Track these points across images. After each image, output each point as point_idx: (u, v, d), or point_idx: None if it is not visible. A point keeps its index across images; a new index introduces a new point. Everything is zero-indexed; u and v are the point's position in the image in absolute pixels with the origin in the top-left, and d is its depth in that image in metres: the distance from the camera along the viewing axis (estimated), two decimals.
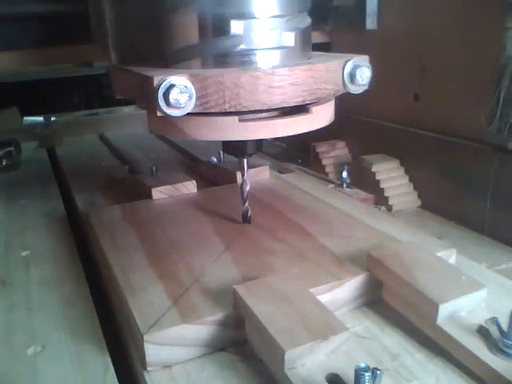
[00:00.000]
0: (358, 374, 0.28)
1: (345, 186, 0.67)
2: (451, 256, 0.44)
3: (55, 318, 0.41)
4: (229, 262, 0.43)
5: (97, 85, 1.40)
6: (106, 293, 0.45)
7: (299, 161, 0.82)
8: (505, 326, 0.32)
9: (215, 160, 0.70)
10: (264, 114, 0.40)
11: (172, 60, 0.41)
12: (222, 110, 0.37)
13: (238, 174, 0.61)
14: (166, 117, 0.37)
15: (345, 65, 0.41)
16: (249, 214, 0.50)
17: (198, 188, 0.62)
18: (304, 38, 0.42)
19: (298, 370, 0.30)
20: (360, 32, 0.69)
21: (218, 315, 0.35)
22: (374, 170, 0.66)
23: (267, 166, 0.66)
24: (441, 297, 0.34)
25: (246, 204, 0.50)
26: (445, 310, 0.34)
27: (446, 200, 0.62)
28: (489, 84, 0.52)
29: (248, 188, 0.49)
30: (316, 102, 0.41)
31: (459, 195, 0.59)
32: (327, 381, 0.30)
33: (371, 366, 0.28)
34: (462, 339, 0.33)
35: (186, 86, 0.36)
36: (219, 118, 0.38)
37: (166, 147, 0.93)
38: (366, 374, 0.28)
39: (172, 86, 0.35)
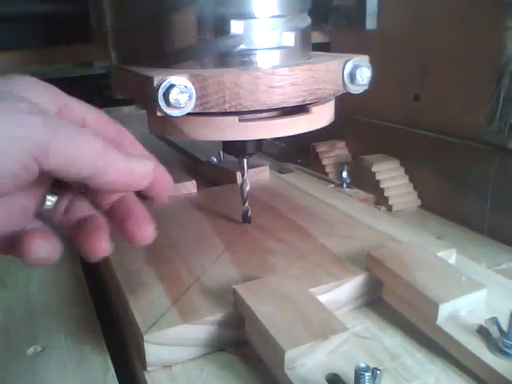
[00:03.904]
0: (358, 373, 0.28)
1: (345, 185, 0.67)
2: (451, 256, 0.44)
3: (55, 317, 0.41)
4: (229, 262, 0.43)
5: (97, 85, 1.40)
6: (106, 293, 0.45)
7: (299, 161, 0.82)
8: (505, 326, 0.32)
9: (215, 160, 0.70)
10: (264, 114, 0.40)
11: (172, 60, 0.41)
12: (222, 110, 0.37)
13: (238, 174, 0.61)
14: (166, 117, 0.37)
15: (345, 65, 0.41)
16: (249, 214, 0.50)
17: (198, 188, 0.62)
18: (304, 38, 0.42)
19: (297, 370, 0.30)
20: (360, 32, 0.69)
21: (218, 315, 0.35)
22: (374, 169, 0.66)
23: (267, 166, 0.66)
24: (441, 297, 0.34)
25: (246, 204, 0.50)
26: (445, 310, 0.34)
27: (446, 200, 0.62)
28: (489, 84, 0.52)
29: (248, 188, 0.49)
30: (316, 102, 0.41)
31: (459, 195, 0.59)
32: (327, 381, 0.30)
33: (371, 366, 0.28)
34: (462, 339, 0.33)
35: (186, 86, 0.36)
36: (219, 118, 0.38)
37: (165, 147, 0.93)
38: (366, 373, 0.28)
39: (172, 86, 0.35)
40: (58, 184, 0.28)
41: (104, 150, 0.26)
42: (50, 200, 0.29)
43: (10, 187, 0.24)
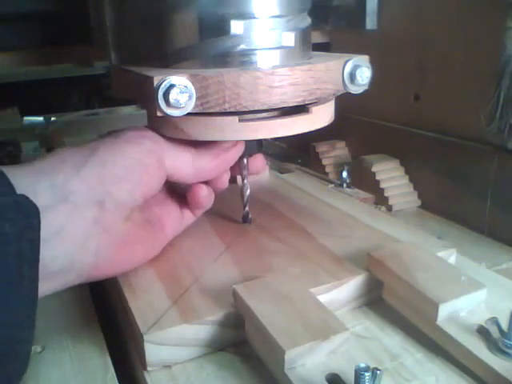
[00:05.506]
0: (358, 374, 0.28)
1: (345, 185, 0.67)
2: (451, 256, 0.44)
3: (55, 318, 0.41)
4: (229, 261, 0.43)
5: (97, 85, 1.40)
6: (106, 293, 0.45)
7: (299, 161, 0.82)
8: (505, 326, 0.32)
9: None
10: (264, 114, 0.40)
11: (172, 60, 0.41)
12: (222, 110, 0.37)
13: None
14: (166, 117, 0.37)
15: (345, 65, 0.41)
16: (249, 214, 0.50)
17: None
18: (304, 37, 0.42)
19: (297, 370, 0.30)
20: (360, 32, 0.69)
21: (218, 315, 0.35)
22: (374, 170, 0.66)
23: (267, 166, 0.66)
24: (441, 297, 0.34)
25: (247, 208, 0.50)
26: (445, 310, 0.34)
27: (446, 200, 0.62)
28: (489, 84, 0.52)
29: (248, 192, 0.49)
30: (316, 102, 0.41)
31: (459, 195, 0.59)
32: (327, 381, 0.30)
33: (371, 366, 0.28)
34: (462, 339, 0.33)
35: (186, 86, 0.36)
36: (219, 118, 0.38)
37: None
38: (366, 373, 0.28)
39: (172, 86, 0.35)
40: None
41: (193, 159, 0.41)
42: None
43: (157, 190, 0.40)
